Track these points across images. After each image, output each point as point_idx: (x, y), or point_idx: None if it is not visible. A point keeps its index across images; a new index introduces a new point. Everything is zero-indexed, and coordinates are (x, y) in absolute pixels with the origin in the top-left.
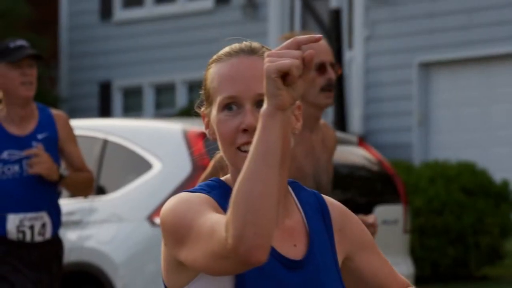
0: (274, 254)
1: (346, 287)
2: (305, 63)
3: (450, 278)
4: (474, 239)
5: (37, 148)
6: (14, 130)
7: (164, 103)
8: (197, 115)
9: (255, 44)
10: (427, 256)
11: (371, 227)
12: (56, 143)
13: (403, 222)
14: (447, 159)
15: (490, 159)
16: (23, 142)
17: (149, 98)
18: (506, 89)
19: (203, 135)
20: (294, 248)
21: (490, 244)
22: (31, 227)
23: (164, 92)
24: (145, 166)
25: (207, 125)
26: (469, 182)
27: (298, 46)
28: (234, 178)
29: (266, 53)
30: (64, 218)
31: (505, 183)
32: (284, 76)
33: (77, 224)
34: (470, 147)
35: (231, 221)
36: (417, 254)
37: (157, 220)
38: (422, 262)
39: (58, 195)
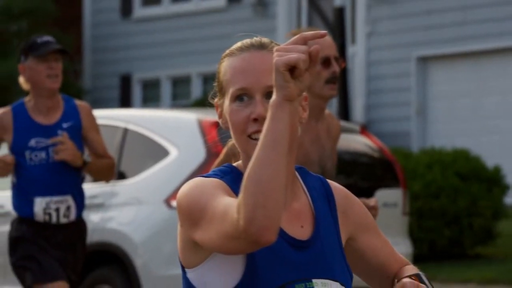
0: (283, 234)
1: (349, 265)
2: (311, 57)
3: (446, 257)
4: (468, 220)
5: (62, 136)
6: (41, 119)
7: (180, 95)
8: (211, 105)
9: (265, 40)
10: (424, 237)
11: (373, 210)
12: (80, 131)
13: (402, 205)
14: (443, 147)
15: (483, 147)
16: (50, 131)
17: (166, 90)
18: (497, 82)
19: (216, 124)
20: (301, 229)
21: (483, 225)
22: (57, 210)
23: (180, 84)
24: (163, 153)
25: (220, 115)
26: (463, 168)
27: (304, 41)
28: (245, 164)
29: (275, 48)
30: (87, 201)
31: (496, 169)
32: (292, 69)
33: (99, 206)
34: (464, 135)
35: (242, 204)
36: (415, 234)
37: (174, 203)
38: (420, 242)
39: (81, 180)
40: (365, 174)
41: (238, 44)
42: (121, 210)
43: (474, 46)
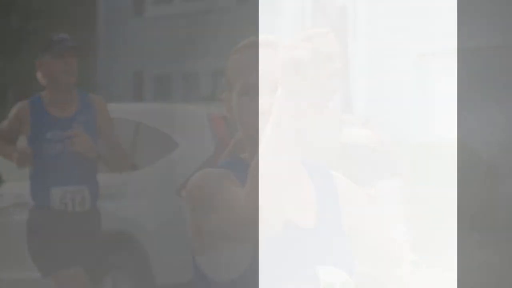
0: (286, 222)
1: (352, 252)
2: (314, 54)
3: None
4: (464, 210)
5: (78, 129)
6: (57, 113)
7: (191, 90)
8: (219, 100)
9: (271, 37)
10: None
11: (373, 199)
12: (94, 124)
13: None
14: (441, 139)
15: (479, 140)
16: (65, 124)
17: (177, 85)
18: (494, 78)
19: (225, 118)
20: (304, 217)
21: (478, 215)
22: (73, 199)
23: (190, 80)
24: (173, 145)
25: (229, 109)
26: (460, 159)
27: (309, 39)
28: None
29: (281, 45)
30: (101, 191)
31: (491, 161)
32: (297, 65)
33: (113, 196)
34: (461, 128)
35: (248, 193)
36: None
37: (184, 193)
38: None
39: (96, 170)
40: (367, 165)
41: (246, 41)
42: (133, 200)
43: (471, 43)
